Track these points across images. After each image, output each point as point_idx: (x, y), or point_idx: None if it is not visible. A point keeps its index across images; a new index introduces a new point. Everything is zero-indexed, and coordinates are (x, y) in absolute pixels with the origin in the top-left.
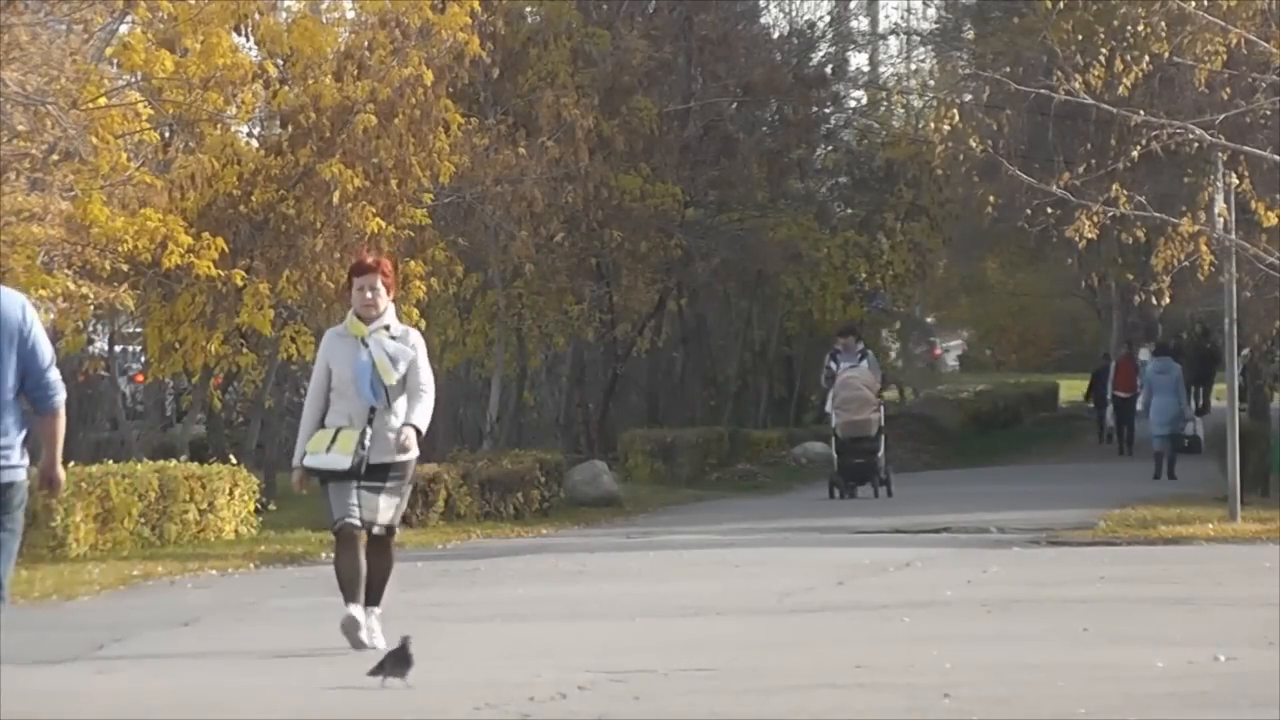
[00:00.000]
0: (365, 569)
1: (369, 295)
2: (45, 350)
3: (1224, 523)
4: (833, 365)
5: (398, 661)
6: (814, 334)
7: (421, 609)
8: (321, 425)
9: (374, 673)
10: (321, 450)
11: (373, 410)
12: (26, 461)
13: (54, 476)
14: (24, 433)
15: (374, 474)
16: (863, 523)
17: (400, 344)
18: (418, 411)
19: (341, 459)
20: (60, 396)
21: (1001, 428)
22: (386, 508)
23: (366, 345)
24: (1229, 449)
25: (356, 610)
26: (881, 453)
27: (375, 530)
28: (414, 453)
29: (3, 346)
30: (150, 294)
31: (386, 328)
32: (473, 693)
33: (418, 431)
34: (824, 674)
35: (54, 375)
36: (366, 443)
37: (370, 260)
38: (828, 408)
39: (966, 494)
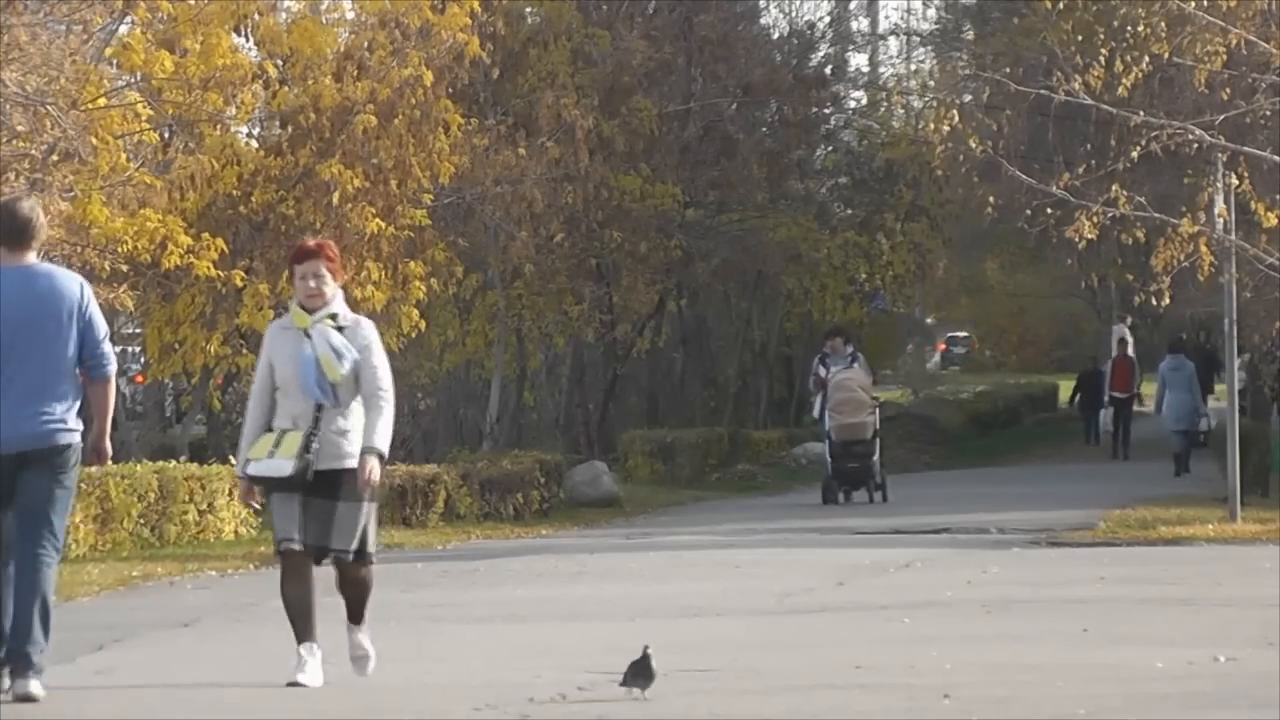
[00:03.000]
0: (313, 599)
1: (312, 283)
2: (100, 326)
3: (1224, 523)
4: (822, 369)
5: (638, 673)
6: (814, 334)
7: (421, 609)
8: (269, 430)
9: (623, 684)
10: (263, 456)
11: (319, 409)
12: (81, 427)
13: (102, 448)
14: (79, 401)
15: (324, 484)
16: (863, 523)
17: (348, 335)
18: (379, 430)
19: (283, 464)
20: (112, 367)
21: (1001, 428)
22: (342, 528)
23: (310, 337)
24: (1229, 449)
25: (305, 650)
26: (877, 456)
27: (332, 557)
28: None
29: (64, 322)
30: (150, 294)
31: (333, 317)
32: (473, 693)
33: (380, 457)
34: (824, 674)
35: (107, 348)
36: (313, 446)
37: (312, 244)
38: (815, 411)
39: (966, 494)
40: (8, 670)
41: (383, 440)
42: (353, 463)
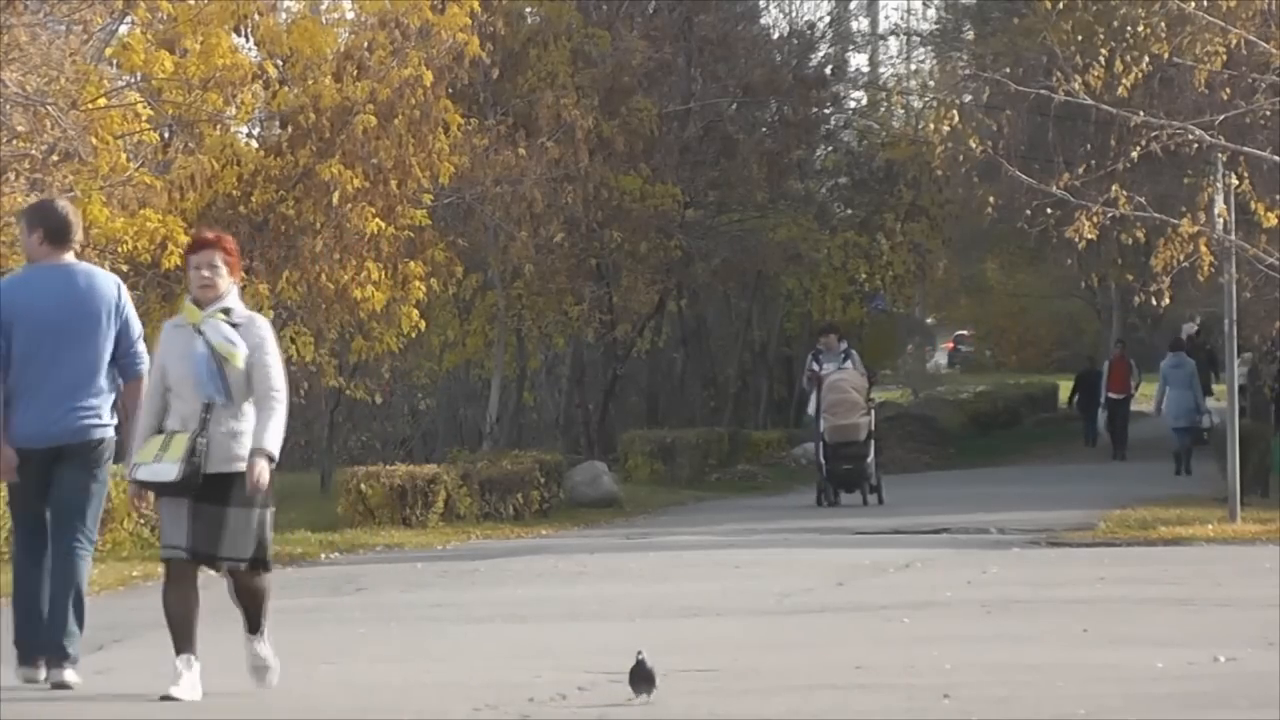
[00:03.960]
0: (196, 610)
1: (206, 274)
2: (135, 326)
3: (1224, 523)
4: (815, 366)
5: (639, 678)
6: (814, 335)
7: (421, 609)
8: (159, 432)
9: (634, 695)
10: (149, 460)
11: (208, 409)
12: (115, 422)
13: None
14: (113, 398)
15: (214, 489)
16: (862, 524)
17: (242, 332)
18: (270, 431)
19: (169, 468)
20: (145, 366)
21: (1001, 428)
22: (234, 536)
23: (202, 333)
24: (1229, 449)
25: (181, 662)
26: (871, 458)
27: (224, 566)
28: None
29: (101, 321)
30: (150, 295)
31: (226, 311)
32: (473, 693)
33: (270, 459)
34: (824, 674)
35: (141, 348)
36: (199, 447)
37: (210, 235)
38: (810, 409)
39: (966, 495)
40: (43, 660)
41: (273, 441)
42: (244, 466)
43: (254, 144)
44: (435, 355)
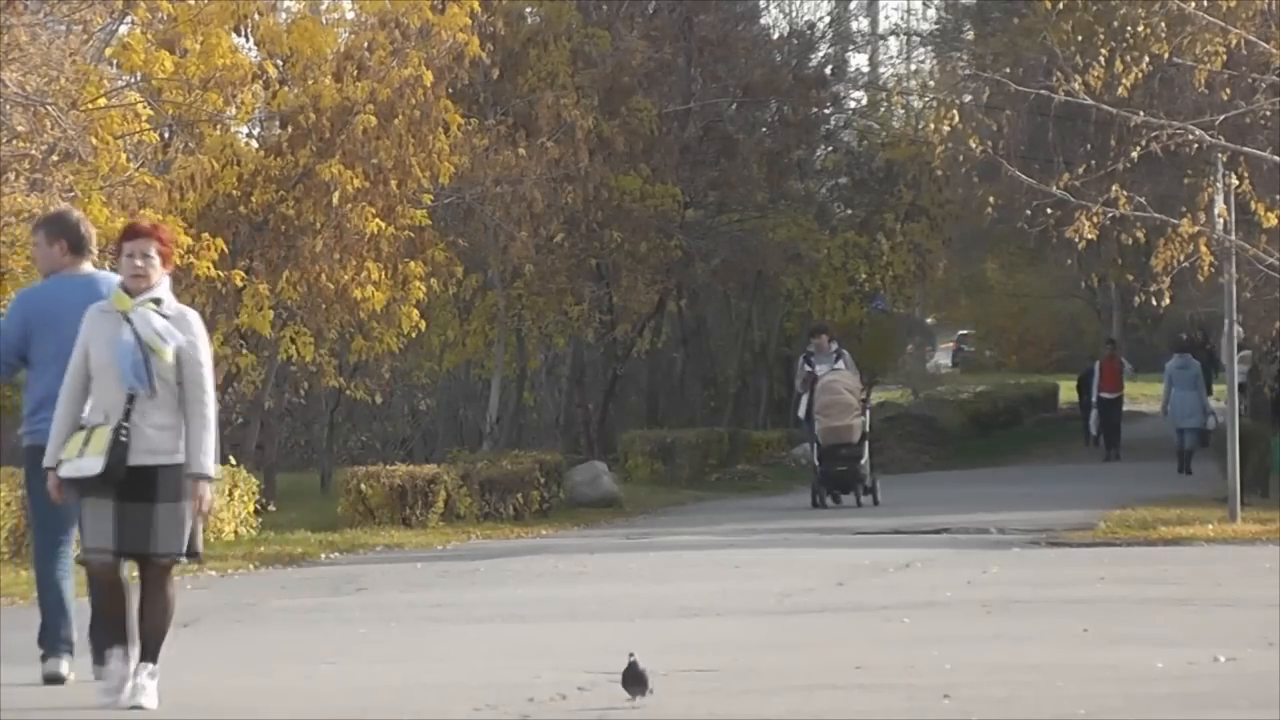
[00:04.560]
0: (127, 610)
1: (139, 262)
2: None
3: (1224, 523)
4: (808, 367)
5: (631, 681)
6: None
7: (421, 609)
8: (81, 425)
9: (629, 697)
10: (74, 455)
11: (131, 399)
12: None
13: None
14: None
15: (139, 484)
16: (862, 524)
17: (173, 324)
18: (206, 451)
19: (93, 462)
20: None
21: (1001, 428)
22: (165, 531)
23: (130, 321)
24: (1229, 449)
25: (144, 672)
26: (865, 459)
27: (151, 562)
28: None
29: None
30: None
31: (156, 302)
32: (473, 693)
33: (211, 480)
34: (824, 674)
35: None
36: (123, 439)
37: (146, 225)
38: (800, 412)
39: (966, 495)
40: (65, 653)
41: (211, 462)
42: (169, 459)
43: (254, 144)
44: (435, 355)
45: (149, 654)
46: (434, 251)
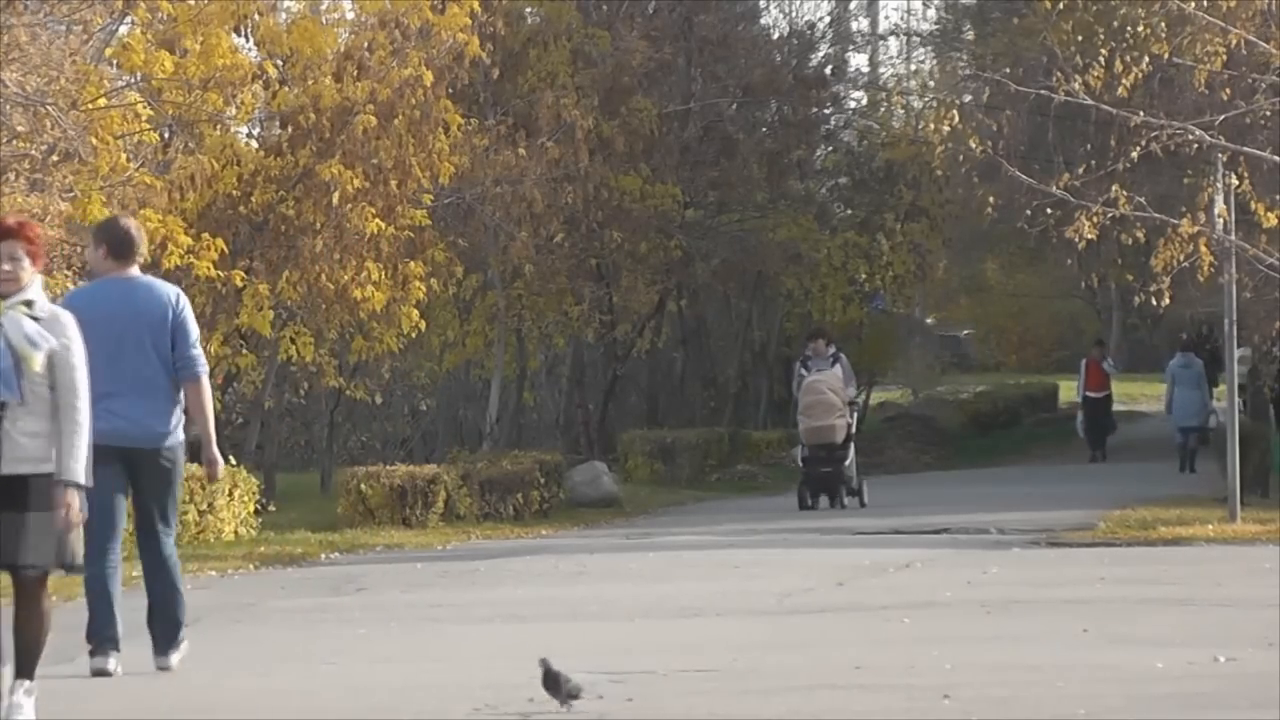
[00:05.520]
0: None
1: (7, 266)
2: (191, 331)
3: (1224, 523)
4: (804, 371)
5: (550, 685)
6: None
7: (421, 610)
8: None
9: (561, 705)
10: None
11: (3, 406)
12: (181, 420)
13: (211, 457)
14: (178, 404)
15: (11, 493)
16: (862, 524)
17: (45, 327)
18: (75, 458)
19: None
20: (200, 368)
21: (1001, 428)
22: (36, 540)
23: (1, 325)
24: (1229, 449)
25: (20, 687)
26: (850, 461)
27: (22, 573)
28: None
29: (159, 329)
30: None
31: (29, 304)
32: (472, 693)
33: (78, 487)
34: (824, 675)
35: (196, 352)
36: None
37: (12, 223)
38: (796, 414)
39: (966, 495)
40: (110, 649)
41: (79, 469)
42: (42, 468)
43: (254, 144)
44: (435, 355)
45: (24, 670)
46: (434, 252)
